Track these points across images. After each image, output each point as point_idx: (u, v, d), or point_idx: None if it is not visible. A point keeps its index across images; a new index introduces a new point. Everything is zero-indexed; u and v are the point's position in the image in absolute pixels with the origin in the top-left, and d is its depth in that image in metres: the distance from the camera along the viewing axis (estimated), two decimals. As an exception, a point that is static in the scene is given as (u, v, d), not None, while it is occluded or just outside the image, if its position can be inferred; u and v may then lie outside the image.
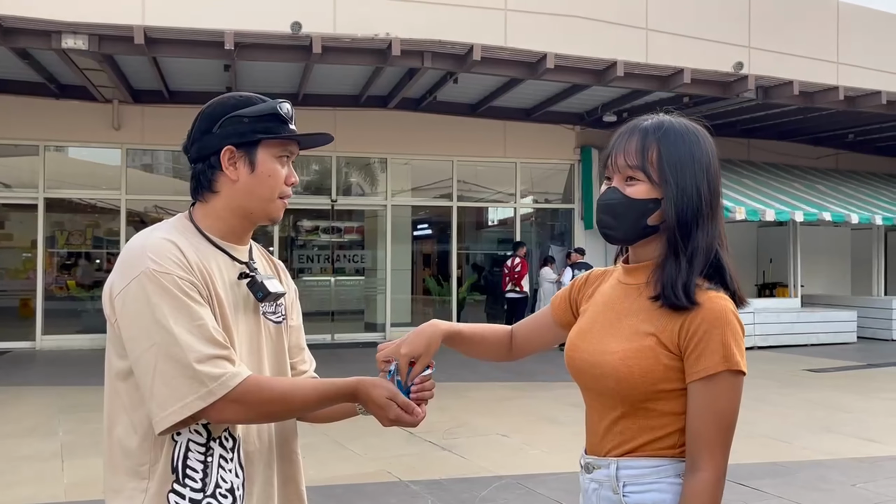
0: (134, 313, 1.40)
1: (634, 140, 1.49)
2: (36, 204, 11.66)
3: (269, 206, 1.57)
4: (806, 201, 13.29)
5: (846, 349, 12.47)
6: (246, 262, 1.59)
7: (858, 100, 12.31)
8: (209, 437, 1.47)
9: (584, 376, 1.54)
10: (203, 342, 1.39)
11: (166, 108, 11.75)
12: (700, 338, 1.39)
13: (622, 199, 1.48)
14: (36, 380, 9.11)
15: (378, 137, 12.79)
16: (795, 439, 6.23)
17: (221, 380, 1.38)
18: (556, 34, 12.39)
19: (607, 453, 1.50)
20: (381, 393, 1.45)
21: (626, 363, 1.43)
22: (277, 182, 1.56)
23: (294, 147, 1.61)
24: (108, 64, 9.78)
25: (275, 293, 1.58)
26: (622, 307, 1.53)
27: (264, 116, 1.54)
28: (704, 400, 1.39)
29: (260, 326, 1.60)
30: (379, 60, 10.01)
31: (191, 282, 1.43)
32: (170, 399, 1.37)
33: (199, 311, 1.42)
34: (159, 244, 1.45)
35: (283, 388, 1.48)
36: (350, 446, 5.78)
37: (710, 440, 1.39)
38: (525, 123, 13.52)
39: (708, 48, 13.80)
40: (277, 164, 1.57)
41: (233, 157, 1.53)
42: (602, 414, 1.52)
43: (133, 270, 1.42)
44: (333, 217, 14.18)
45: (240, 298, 1.55)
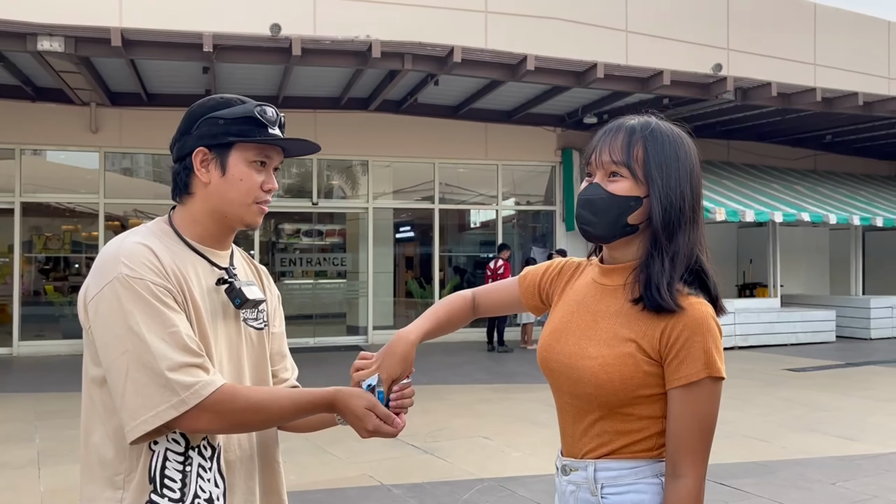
0: (106, 319, 1.38)
1: (620, 137, 1.47)
2: (12, 209, 11.50)
3: (242, 211, 1.53)
4: (785, 202, 13.41)
5: (825, 348, 12.59)
6: (225, 268, 1.56)
7: (836, 101, 12.44)
8: (188, 446, 1.44)
9: (560, 379, 1.52)
10: (176, 350, 1.36)
11: (145, 110, 11.65)
12: (682, 345, 1.38)
13: (604, 194, 1.46)
14: (12, 386, 8.98)
15: (359, 140, 12.75)
16: (775, 438, 6.27)
17: (194, 388, 1.35)
18: (536, 36, 12.44)
19: (584, 455, 1.49)
20: (360, 403, 1.42)
21: (605, 370, 1.42)
22: (250, 187, 1.52)
23: (273, 152, 1.55)
24: (84, 66, 9.67)
25: (253, 300, 1.54)
26: (598, 308, 1.51)
27: (240, 119, 1.51)
28: (686, 406, 1.39)
29: (240, 333, 1.57)
30: (359, 62, 9.98)
31: (165, 288, 1.40)
32: (141, 408, 1.34)
33: (173, 317, 1.39)
34: (134, 249, 1.42)
35: (258, 397, 1.44)
36: (331, 450, 5.74)
37: (692, 446, 1.39)
38: (506, 125, 13.54)
39: (687, 50, 13.91)
40: (250, 168, 1.52)
41: (205, 158, 1.51)
42: (578, 416, 1.51)
43: (107, 276, 1.39)
44: (315, 220, 14.12)
45: (218, 305, 1.52)
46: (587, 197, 1.48)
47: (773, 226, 13.69)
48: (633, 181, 1.45)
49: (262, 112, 1.52)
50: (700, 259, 1.47)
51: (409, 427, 1.51)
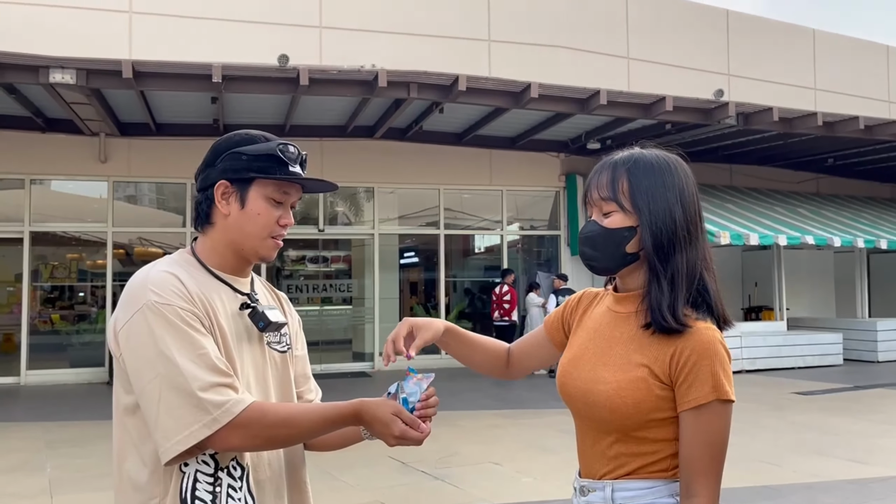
0: (137, 345, 1.43)
1: (605, 174, 1.56)
2: (21, 238, 11.59)
3: (258, 245, 1.59)
4: (788, 225, 13.46)
5: (833, 371, 12.56)
6: (248, 294, 1.62)
7: (837, 125, 12.54)
8: (217, 467, 1.48)
9: (577, 403, 1.57)
10: (206, 370, 1.41)
11: (153, 140, 11.79)
12: (690, 369, 1.43)
13: (600, 230, 1.55)
14: (21, 415, 9.00)
15: (365, 167, 12.87)
16: (786, 462, 6.26)
17: (225, 407, 1.39)
18: (539, 64, 12.61)
19: (602, 476, 1.54)
20: (386, 410, 1.45)
21: (619, 394, 1.47)
22: (267, 221, 1.58)
23: (291, 189, 1.61)
24: (95, 97, 9.82)
25: (276, 322, 1.60)
26: (613, 335, 1.56)
27: (262, 156, 1.57)
28: (696, 429, 1.43)
29: (265, 356, 1.62)
30: (365, 92, 10.11)
31: (193, 312, 1.46)
32: (175, 428, 1.38)
33: (202, 340, 1.44)
34: (161, 277, 1.48)
35: (287, 413, 1.49)
36: (342, 477, 5.74)
37: (704, 467, 1.43)
38: (510, 152, 13.66)
39: (689, 76, 14.08)
40: (269, 204, 1.58)
41: (226, 191, 1.57)
42: (595, 439, 1.55)
43: (135, 304, 1.45)
44: (321, 247, 14.19)
45: (243, 329, 1.57)
46: (586, 234, 1.57)
47: (778, 249, 13.73)
48: (623, 213, 1.53)
49: (283, 150, 1.58)
50: (704, 277, 1.52)
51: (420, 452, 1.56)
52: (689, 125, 12.18)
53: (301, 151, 1.63)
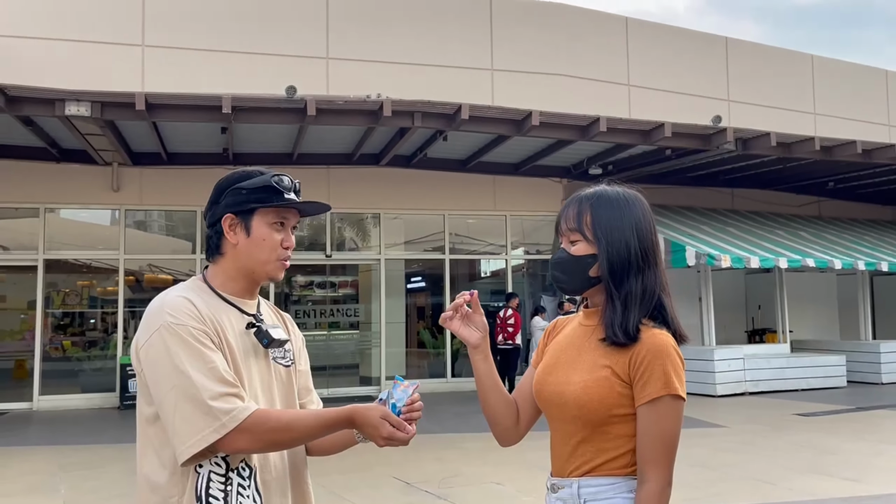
0: (155, 362, 1.64)
1: (573, 207, 1.78)
2: (36, 265, 11.86)
3: (266, 267, 1.80)
4: (790, 248, 13.61)
5: (836, 393, 12.62)
6: (253, 315, 1.82)
7: (835, 149, 12.74)
8: (228, 468, 1.68)
9: (551, 406, 1.77)
10: (215, 382, 1.61)
11: (164, 169, 12.09)
12: (645, 368, 1.63)
13: (567, 257, 1.77)
14: (35, 439, 9.19)
15: (371, 194, 13.12)
16: (782, 480, 6.38)
17: (232, 413, 1.59)
18: (540, 92, 12.89)
19: (570, 474, 1.73)
20: (375, 413, 1.64)
21: (586, 392, 1.67)
22: (272, 245, 1.78)
23: (289, 214, 1.82)
24: (109, 128, 10.13)
25: (278, 339, 1.80)
26: (581, 344, 1.78)
27: (259, 188, 1.79)
28: (650, 421, 1.63)
29: (270, 370, 1.82)
30: (371, 121, 10.39)
31: (204, 331, 1.66)
32: (189, 433, 1.59)
33: (212, 356, 1.64)
34: (175, 301, 1.70)
35: (287, 418, 1.68)
36: (348, 497, 5.90)
37: (656, 455, 1.62)
38: (513, 178, 13.90)
39: (688, 102, 14.35)
40: (271, 229, 1.79)
41: (233, 223, 1.79)
42: (565, 439, 1.75)
43: (154, 325, 1.66)
44: (328, 272, 14.41)
45: (250, 346, 1.78)
46: (556, 260, 1.80)
47: (779, 272, 13.87)
48: (586, 242, 1.74)
49: (278, 181, 1.80)
50: (661, 297, 1.73)
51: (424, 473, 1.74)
52: (688, 150, 12.40)
53: (294, 180, 1.85)
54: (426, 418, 1.71)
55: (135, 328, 12.66)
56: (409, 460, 6.90)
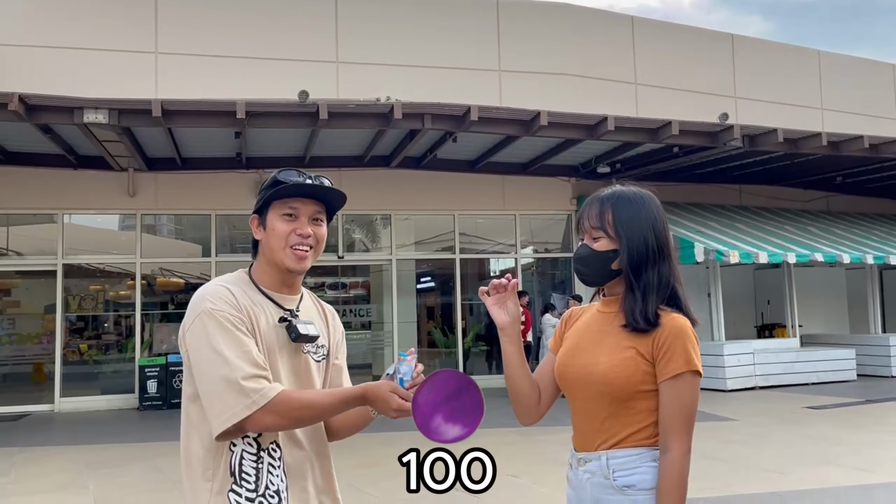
0: (197, 343, 1.82)
1: (595, 207, 1.98)
2: (55, 270, 12.08)
3: (281, 256, 1.92)
4: (798, 243, 13.69)
5: (846, 387, 12.71)
6: (290, 310, 1.97)
7: (842, 144, 12.79)
8: (259, 448, 1.86)
9: (576, 385, 1.94)
10: (248, 364, 1.78)
11: (179, 174, 12.29)
12: (668, 347, 1.83)
13: (590, 252, 1.95)
14: (59, 440, 9.40)
15: (381, 195, 13.28)
16: (792, 471, 6.51)
17: (262, 392, 1.76)
18: (548, 92, 13.02)
19: (598, 447, 1.91)
20: (385, 388, 1.79)
21: (613, 370, 1.85)
22: (281, 233, 1.91)
23: (297, 203, 1.92)
24: (125, 135, 10.32)
25: (305, 335, 1.94)
26: (603, 329, 1.96)
27: (269, 185, 1.96)
28: (672, 395, 1.82)
29: (300, 363, 1.97)
30: (381, 124, 10.54)
31: (239, 318, 1.83)
32: (222, 409, 1.76)
33: (246, 340, 1.81)
34: (216, 289, 1.88)
35: (308, 397, 1.85)
36: (367, 489, 6.06)
37: (677, 426, 1.81)
38: (522, 177, 14.03)
39: (695, 99, 14.44)
40: (281, 220, 1.93)
41: (257, 223, 1.99)
42: (591, 416, 1.92)
43: (196, 311, 1.85)
44: (339, 273, 14.59)
45: (283, 338, 1.93)
46: (579, 255, 1.99)
47: (788, 267, 13.95)
48: (608, 239, 1.93)
49: (284, 175, 1.94)
50: (675, 287, 1.93)
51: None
52: (696, 148, 12.50)
53: (305, 173, 1.97)
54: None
55: (151, 332, 12.89)
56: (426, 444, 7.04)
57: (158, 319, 13.14)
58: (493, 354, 14.65)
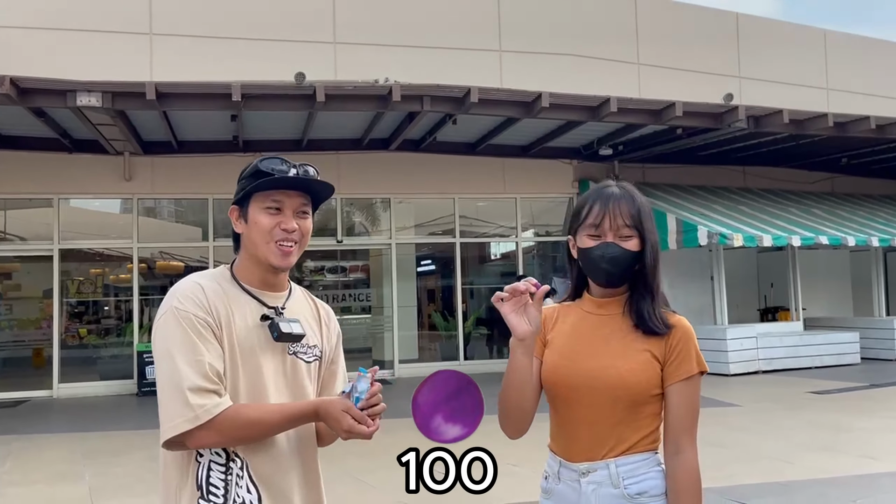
0: (157, 342, 1.71)
1: (625, 204, 1.85)
2: (51, 255, 11.96)
3: (264, 251, 1.77)
4: (802, 225, 13.54)
5: (850, 370, 12.62)
6: (274, 307, 1.81)
7: (848, 125, 12.61)
8: (228, 458, 1.72)
9: (582, 390, 1.82)
10: (198, 375, 1.65)
11: (175, 157, 12.13)
12: (680, 349, 1.80)
13: (622, 252, 1.83)
14: (57, 427, 9.33)
15: (380, 178, 13.13)
16: (797, 459, 6.41)
17: (205, 408, 1.63)
18: (550, 73, 12.80)
19: (604, 456, 1.81)
20: (337, 406, 1.66)
21: (633, 374, 1.78)
22: (264, 227, 1.76)
23: (282, 196, 1.77)
24: (120, 118, 10.16)
25: (288, 333, 1.78)
26: (605, 332, 1.86)
27: (250, 175, 1.81)
28: (684, 396, 1.79)
29: (286, 365, 1.81)
30: (380, 106, 10.37)
31: (204, 321, 1.70)
32: (167, 418, 1.65)
33: (203, 348, 1.67)
34: (187, 287, 1.75)
35: (257, 414, 1.70)
36: (365, 479, 5.98)
37: (689, 427, 1.80)
38: (523, 160, 13.87)
39: (699, 80, 14.21)
40: (264, 213, 1.77)
41: (237, 215, 1.84)
42: (597, 423, 1.81)
43: (164, 307, 1.73)
44: (339, 257, 14.47)
45: (265, 339, 1.78)
46: (612, 255, 1.82)
47: (792, 249, 13.81)
48: (638, 239, 1.84)
49: (267, 165, 1.78)
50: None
51: None
52: (699, 129, 12.33)
53: (291, 163, 1.81)
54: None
55: (150, 316, 12.81)
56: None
57: (157, 304, 13.04)
58: (494, 339, 14.56)
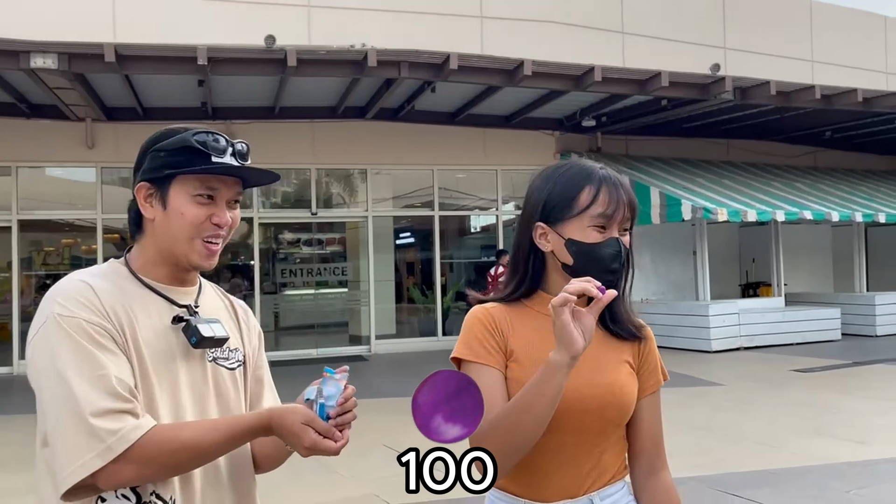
0: (38, 363, 1.31)
1: (626, 191, 1.52)
2: (10, 226, 11.43)
3: (185, 248, 1.43)
4: (786, 200, 13.33)
5: (831, 347, 12.50)
6: (186, 306, 1.46)
7: (834, 98, 12.38)
8: (139, 500, 1.34)
9: (568, 414, 1.45)
10: (103, 394, 1.26)
11: (140, 125, 11.55)
12: (650, 357, 1.60)
13: (626, 249, 1.52)
14: (15, 407, 8.90)
15: (357, 148, 12.70)
16: (785, 443, 6.19)
17: (120, 433, 1.25)
18: (532, 40, 12.38)
19: (586, 491, 1.53)
20: (296, 419, 1.31)
21: (624, 391, 1.52)
22: (192, 220, 1.41)
23: (218, 183, 1.42)
24: (79, 82, 9.62)
25: (212, 338, 1.43)
26: None
27: (178, 150, 1.41)
28: (654, 410, 1.60)
29: (207, 374, 1.47)
30: (355, 72, 9.93)
31: (102, 327, 1.32)
32: (68, 459, 1.25)
33: (104, 359, 1.30)
34: (71, 286, 1.36)
35: (190, 434, 1.32)
36: (337, 469, 5.66)
37: (661, 442, 1.61)
38: (504, 130, 13.48)
39: (685, 50, 13.86)
40: (192, 202, 1.41)
41: (149, 193, 1.44)
42: (582, 452, 1.51)
43: (41, 317, 1.34)
44: (314, 229, 14.06)
45: (177, 345, 1.42)
46: (623, 254, 1.50)
47: (776, 225, 13.61)
48: (628, 234, 1.54)
49: (202, 141, 1.41)
50: None
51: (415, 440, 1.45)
52: (685, 101, 12.01)
53: (230, 140, 1.46)
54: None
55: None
56: (402, 426, 6.66)
57: None
58: (473, 313, 14.24)
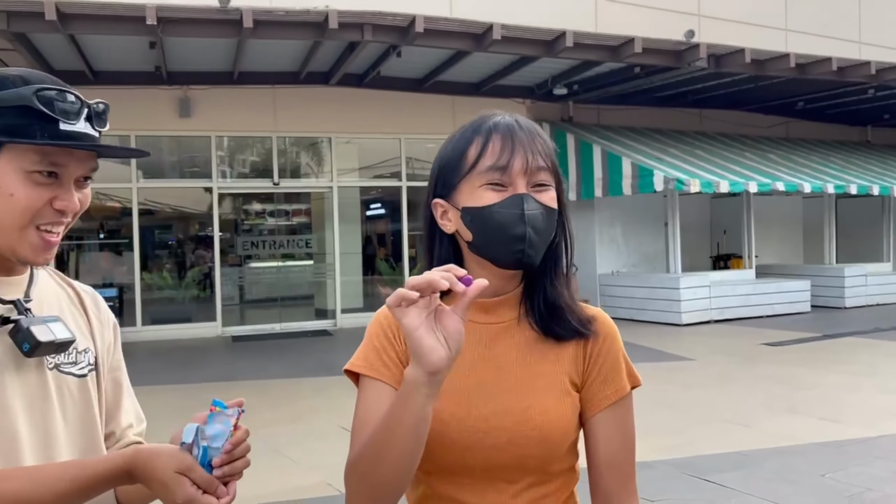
0: None
1: (537, 139, 1.17)
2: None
3: (12, 239, 1.09)
4: (759, 171, 13.16)
5: (801, 319, 12.44)
6: (13, 302, 1.12)
7: (809, 67, 12.16)
8: None
9: (471, 451, 1.14)
10: None
11: (90, 89, 10.96)
12: (604, 359, 1.20)
13: (545, 209, 1.15)
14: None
15: (321, 116, 12.23)
16: (756, 422, 6.01)
17: None
18: (503, 3, 11.94)
19: None
20: (168, 465, 1.01)
21: (546, 416, 1.14)
22: (26, 205, 1.07)
23: (67, 158, 1.09)
24: (21, 43, 9.05)
25: (50, 342, 1.10)
26: (499, 353, 1.18)
27: (11, 110, 1.05)
28: (616, 426, 1.19)
29: (47, 387, 1.14)
30: (316, 34, 9.46)
31: None
32: None
33: None
34: None
35: (18, 488, 0.99)
36: (289, 454, 5.35)
37: (629, 469, 1.20)
38: (474, 98, 13.07)
39: (658, 16, 13.50)
40: (27, 180, 1.07)
41: None
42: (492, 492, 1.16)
43: None
44: (279, 200, 13.62)
45: (5, 353, 1.09)
46: (533, 213, 1.13)
47: (748, 196, 13.45)
48: (554, 190, 1.18)
49: (46, 100, 1.06)
50: None
51: None
52: (658, 68, 11.71)
53: (84, 101, 1.10)
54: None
55: (77, 260, 11.91)
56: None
57: (91, 248, 12.45)
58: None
